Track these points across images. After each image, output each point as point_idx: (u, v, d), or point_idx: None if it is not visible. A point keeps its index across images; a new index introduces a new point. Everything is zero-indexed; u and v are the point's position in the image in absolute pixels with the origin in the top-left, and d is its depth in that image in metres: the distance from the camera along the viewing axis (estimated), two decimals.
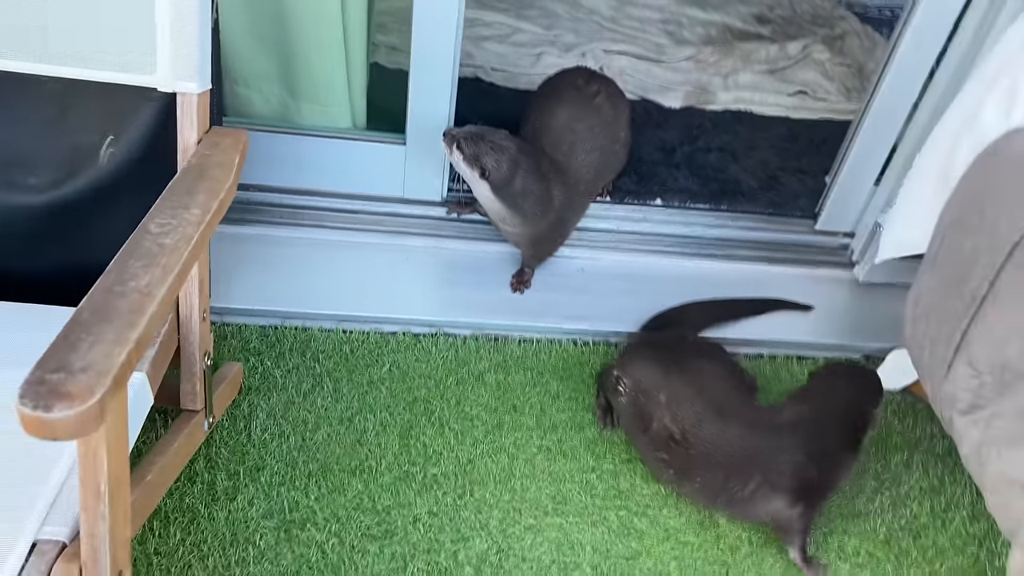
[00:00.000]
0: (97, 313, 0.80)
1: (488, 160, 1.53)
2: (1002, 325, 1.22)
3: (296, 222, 1.75)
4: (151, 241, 0.92)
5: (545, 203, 1.62)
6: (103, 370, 0.74)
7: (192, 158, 1.10)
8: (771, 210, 1.92)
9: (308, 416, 1.50)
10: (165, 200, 0.99)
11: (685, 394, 1.40)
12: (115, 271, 0.86)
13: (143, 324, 0.80)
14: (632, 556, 1.38)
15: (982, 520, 1.50)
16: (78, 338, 0.77)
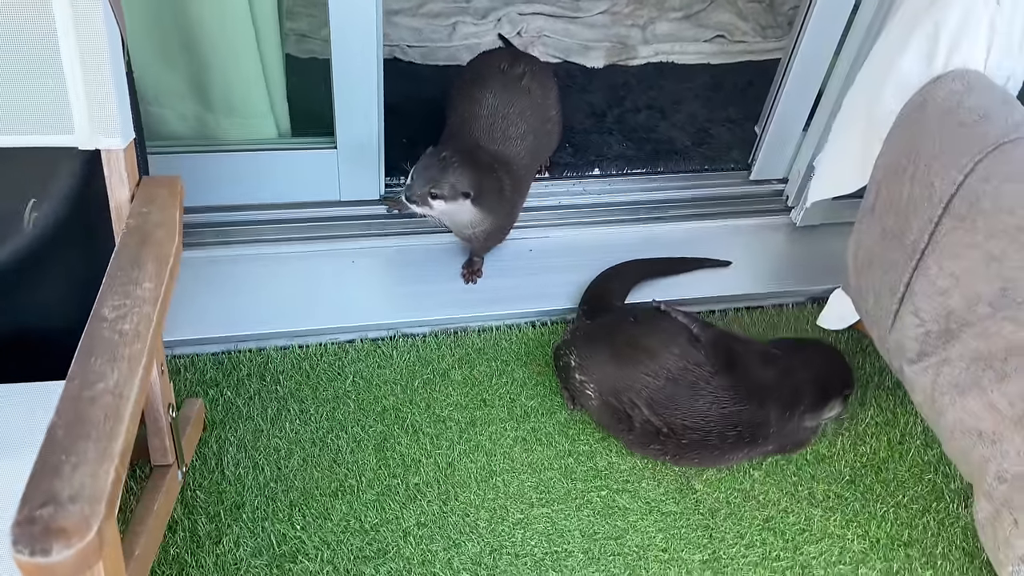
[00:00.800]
0: (72, 428, 0.77)
1: (463, 182, 1.52)
2: (944, 276, 1.27)
3: (233, 240, 1.69)
4: (109, 329, 0.88)
5: (501, 195, 1.61)
6: (94, 495, 0.71)
7: (129, 219, 1.04)
8: (706, 166, 1.94)
9: (279, 443, 1.48)
10: (113, 278, 0.94)
11: (655, 385, 1.42)
12: (79, 374, 0.82)
13: (123, 432, 0.77)
14: (619, 535, 1.43)
15: (934, 447, 1.59)
16: (59, 461, 0.73)
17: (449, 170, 1.50)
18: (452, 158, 1.51)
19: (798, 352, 1.52)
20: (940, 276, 1.28)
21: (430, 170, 1.51)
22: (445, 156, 1.51)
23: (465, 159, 1.53)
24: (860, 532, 1.46)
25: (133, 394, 0.81)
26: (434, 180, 1.50)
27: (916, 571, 1.42)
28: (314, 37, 2.05)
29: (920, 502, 1.51)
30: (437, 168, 1.51)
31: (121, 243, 1.00)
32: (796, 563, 1.41)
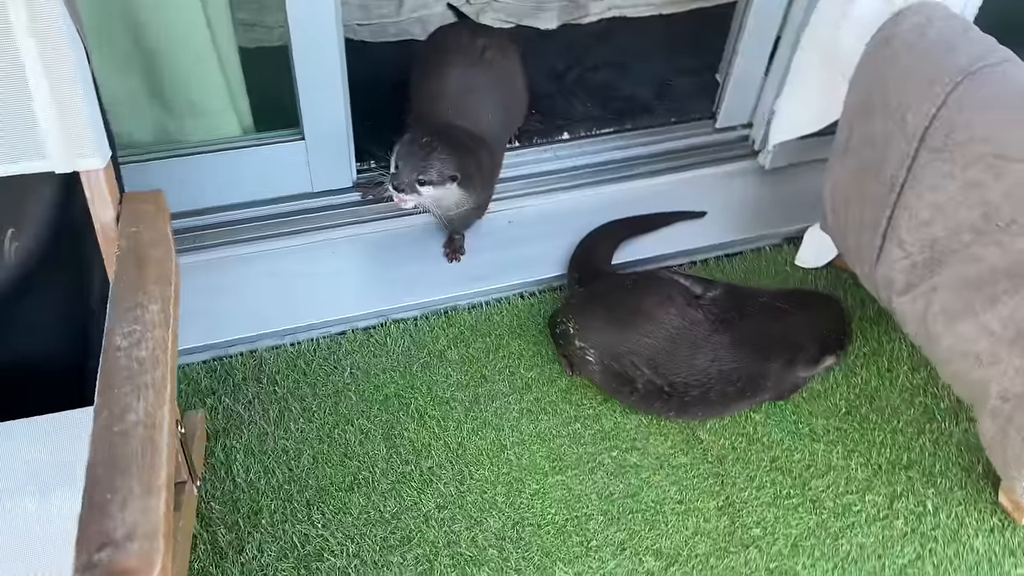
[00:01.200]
0: (110, 465, 0.75)
1: (450, 166, 1.50)
2: (925, 207, 1.31)
3: (207, 244, 1.65)
4: (126, 358, 0.85)
5: (481, 172, 1.60)
6: (149, 531, 0.70)
7: (120, 241, 1.01)
8: (672, 118, 1.96)
9: (287, 443, 1.47)
10: (117, 304, 0.92)
11: (656, 346, 1.44)
12: (104, 407, 0.80)
13: (164, 464, 0.76)
14: (634, 492, 1.45)
15: (921, 371, 1.65)
16: (104, 500, 0.72)
17: (433, 155, 1.49)
18: (433, 142, 1.50)
19: (802, 306, 1.54)
20: (921, 208, 1.31)
21: (414, 157, 1.49)
22: (427, 141, 1.49)
23: (447, 141, 1.51)
24: (862, 461, 1.51)
25: (166, 422, 0.79)
26: (421, 167, 1.48)
27: (918, 491, 1.48)
28: (259, 25, 1.99)
29: (914, 425, 1.57)
30: (420, 154, 1.49)
31: (119, 268, 0.97)
32: (806, 498, 1.46)
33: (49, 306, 1.17)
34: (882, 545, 1.41)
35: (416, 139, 1.51)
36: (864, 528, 1.43)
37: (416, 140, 1.51)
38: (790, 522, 1.43)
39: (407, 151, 1.49)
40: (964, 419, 1.57)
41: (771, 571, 1.37)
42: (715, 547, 1.40)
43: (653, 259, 1.78)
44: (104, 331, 0.88)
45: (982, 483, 1.49)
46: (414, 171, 1.49)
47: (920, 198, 1.31)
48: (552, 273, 1.72)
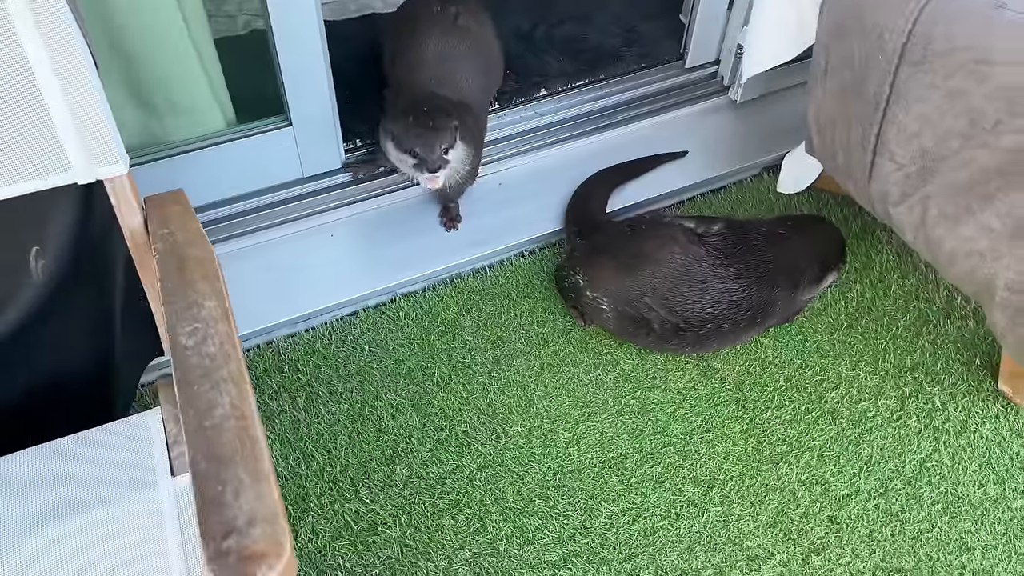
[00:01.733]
0: (212, 458, 0.76)
1: (449, 117, 1.53)
2: (912, 119, 1.36)
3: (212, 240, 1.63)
4: (196, 356, 0.86)
5: (471, 131, 1.61)
6: (269, 515, 0.72)
7: (156, 244, 1.01)
8: (642, 64, 1.98)
9: (320, 427, 1.48)
10: (171, 307, 0.92)
11: (666, 286, 1.48)
12: (191, 405, 0.81)
13: (264, 452, 0.77)
14: (663, 428, 1.51)
15: (910, 276, 1.73)
16: (216, 492, 0.73)
17: (436, 120, 1.51)
18: (428, 110, 1.50)
19: (798, 230, 1.60)
20: (909, 120, 1.37)
21: (426, 132, 1.50)
22: (423, 112, 1.51)
23: (436, 104, 1.54)
24: (870, 369, 1.59)
25: (254, 413, 0.81)
26: (438, 137, 1.50)
27: (925, 390, 1.56)
28: (218, 15, 1.95)
29: (912, 329, 1.65)
30: (429, 126, 1.51)
31: (162, 272, 0.96)
32: (824, 411, 1.53)
33: (75, 322, 1.16)
34: (900, 444, 1.49)
35: (414, 118, 1.51)
36: (881, 431, 1.51)
37: (415, 119, 1.51)
38: (812, 435, 1.50)
39: (416, 132, 1.50)
40: (957, 317, 1.66)
41: (803, 483, 1.45)
42: (747, 468, 1.46)
43: (644, 203, 1.82)
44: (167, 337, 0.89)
45: (982, 374, 1.58)
46: (436, 144, 1.50)
47: (906, 111, 1.36)
48: (549, 229, 1.75)
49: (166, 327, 0.90)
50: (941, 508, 1.41)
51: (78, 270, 1.12)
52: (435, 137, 1.51)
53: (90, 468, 1.05)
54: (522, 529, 1.38)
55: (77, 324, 1.20)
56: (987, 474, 1.45)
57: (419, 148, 1.51)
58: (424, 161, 1.52)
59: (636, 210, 1.81)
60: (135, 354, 1.36)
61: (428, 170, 1.53)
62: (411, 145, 1.52)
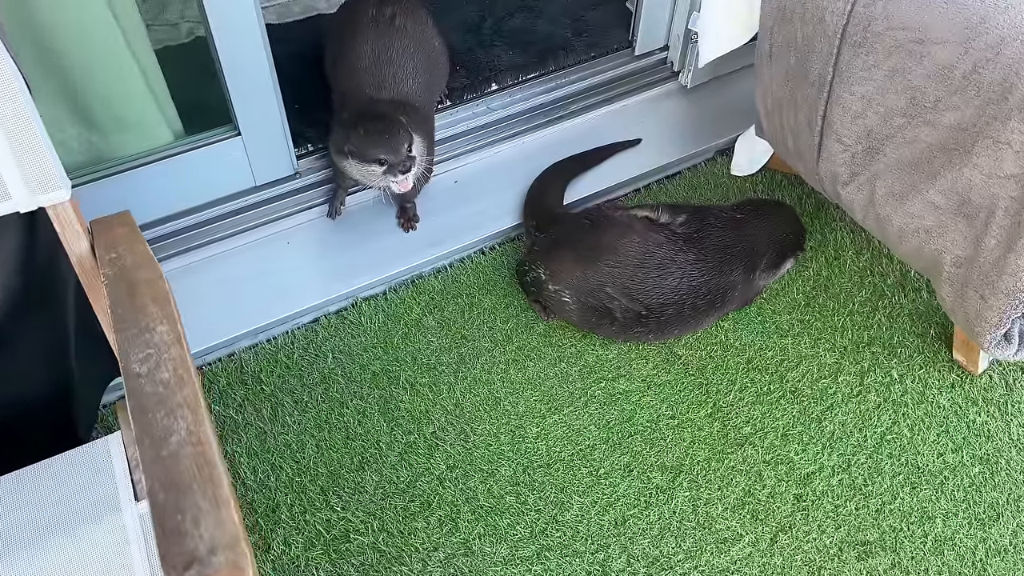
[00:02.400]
0: (170, 487, 0.76)
1: (401, 118, 1.54)
2: (856, 100, 1.38)
3: (163, 256, 1.61)
4: (150, 384, 0.85)
5: (423, 131, 1.61)
6: (230, 541, 0.71)
7: (104, 269, 0.99)
8: (592, 53, 1.97)
9: (287, 438, 1.47)
10: (122, 334, 0.91)
11: (626, 274, 1.49)
12: (147, 434, 0.80)
13: (223, 477, 0.77)
14: (629, 416, 1.52)
15: (864, 252, 1.75)
16: (175, 521, 0.73)
17: (395, 124, 1.52)
18: (368, 115, 1.52)
19: (758, 215, 1.61)
20: (852, 101, 1.39)
21: (389, 139, 1.51)
22: (368, 121, 1.52)
23: (373, 106, 1.56)
24: (828, 346, 1.62)
25: (211, 439, 0.80)
26: (402, 140, 1.51)
27: (883, 364, 1.59)
28: (157, 24, 1.91)
29: (868, 304, 1.68)
30: (391, 132, 1.51)
31: (112, 297, 0.95)
32: (786, 391, 1.56)
33: (29, 349, 1.15)
34: (861, 419, 1.52)
35: (365, 130, 1.51)
36: (842, 407, 1.54)
37: (367, 130, 1.51)
38: (775, 415, 1.53)
39: (375, 140, 1.50)
40: (911, 290, 1.69)
41: (768, 463, 1.47)
42: (713, 451, 1.48)
43: (600, 193, 1.83)
44: (119, 364, 0.88)
45: (937, 345, 1.61)
46: (399, 145, 1.51)
47: (850, 92, 1.39)
48: (507, 224, 1.75)
49: (119, 354, 0.89)
50: (902, 479, 1.45)
51: (27, 297, 1.11)
52: (396, 139, 1.51)
53: (54, 498, 1.04)
54: (494, 527, 1.39)
55: (31, 351, 1.18)
56: (945, 443, 1.49)
57: (385, 155, 1.51)
58: (393, 165, 1.52)
59: (593, 200, 1.82)
60: (93, 376, 1.34)
61: (400, 172, 1.52)
62: (376, 154, 1.51)
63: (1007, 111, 1.17)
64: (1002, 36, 1.17)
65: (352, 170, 1.57)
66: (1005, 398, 1.54)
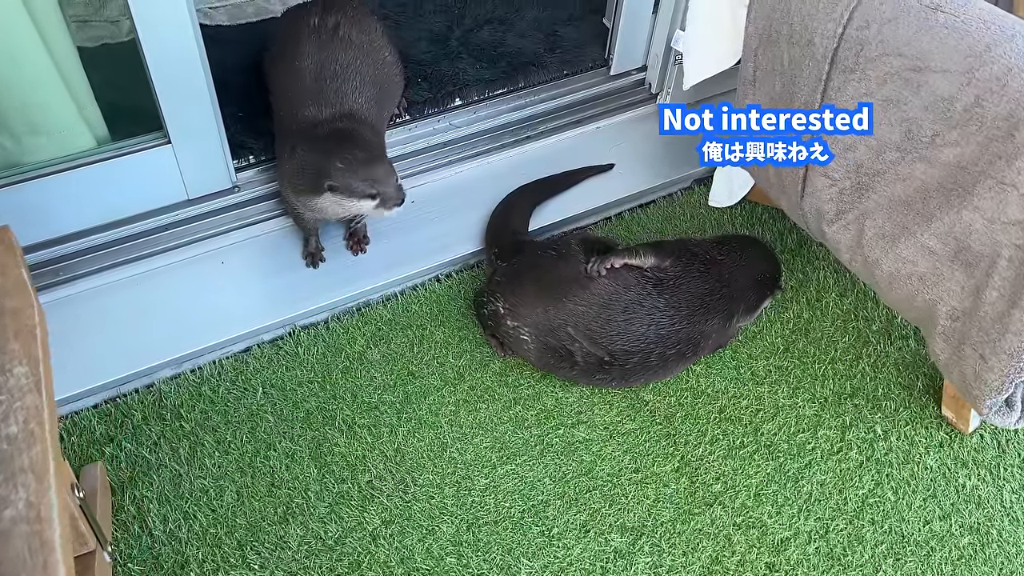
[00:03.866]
0: None
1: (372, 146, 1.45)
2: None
3: (77, 274, 1.46)
4: None
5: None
6: None
7: None
8: (564, 71, 1.85)
9: (204, 483, 1.32)
10: None
11: (590, 314, 1.36)
12: None
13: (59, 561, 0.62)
14: (588, 468, 1.38)
15: (848, 295, 1.63)
16: None
17: (374, 151, 1.42)
18: (362, 145, 1.42)
19: (735, 256, 1.48)
20: None
21: (379, 167, 1.39)
22: (361, 150, 1.40)
23: (356, 135, 1.44)
24: (808, 396, 1.49)
25: (54, 512, 0.65)
26: (389, 168, 1.40)
27: (867, 418, 1.47)
28: (97, 20, 1.76)
29: (851, 351, 1.55)
30: (376, 160, 1.40)
31: None
32: (760, 444, 1.42)
33: None
34: (841, 479, 1.39)
35: (358, 158, 1.39)
36: (821, 465, 1.41)
37: (361, 159, 1.39)
38: (748, 472, 1.39)
39: (372, 172, 1.39)
40: (897, 337, 1.57)
41: (738, 526, 1.33)
42: (679, 511, 1.34)
43: (568, 220, 1.70)
44: None
45: (924, 399, 1.49)
46: (394, 175, 1.41)
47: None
48: (467, 250, 1.62)
49: None
50: (885, 549, 1.31)
51: None
52: (387, 168, 1.41)
53: None
54: None
55: None
56: (932, 509, 1.36)
57: (382, 188, 1.38)
58: (389, 197, 1.39)
59: (560, 228, 1.70)
60: None
61: (395, 205, 1.40)
62: (368, 189, 1.38)
63: (1013, 150, 1.05)
64: (1008, 66, 1.06)
65: (329, 207, 1.42)
66: (997, 460, 1.42)
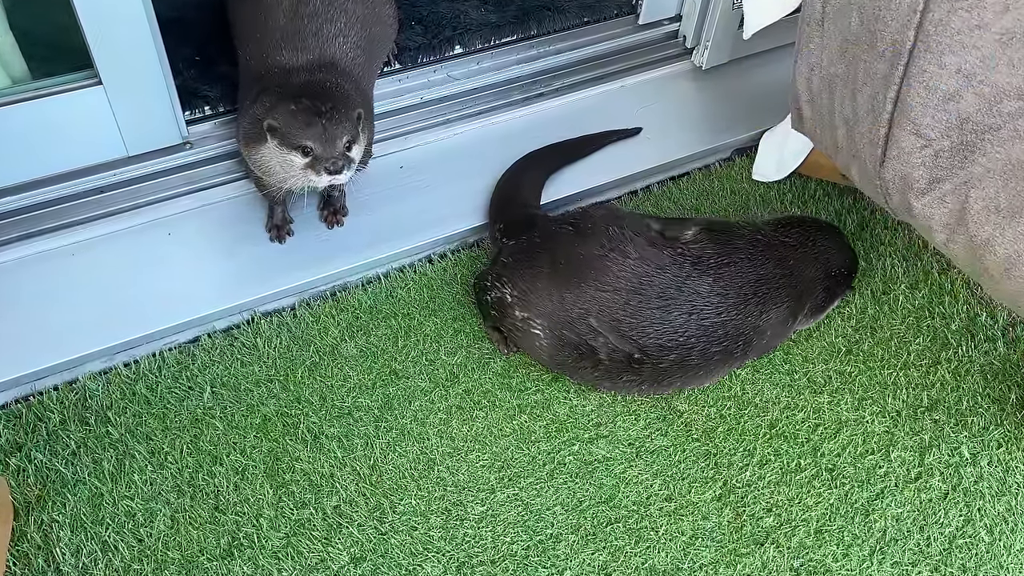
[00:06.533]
0: None
1: (352, 106, 1.17)
2: (948, 76, 1.00)
3: None
4: None
5: (363, 106, 1.23)
6: None
7: None
8: (585, 18, 1.60)
9: (131, 504, 1.06)
10: None
11: (617, 303, 1.10)
12: None
13: None
14: (609, 495, 1.12)
15: (921, 287, 1.36)
16: None
17: (336, 107, 1.15)
18: (320, 95, 1.16)
19: (806, 242, 1.22)
20: (943, 77, 1.00)
21: (321, 119, 1.13)
22: (312, 99, 1.15)
23: (325, 86, 1.19)
24: (876, 409, 1.22)
25: None
26: (339, 124, 1.14)
27: (949, 437, 1.20)
28: None
29: (927, 356, 1.29)
30: (327, 116, 1.14)
31: None
32: (820, 468, 1.16)
33: None
34: (922, 513, 1.13)
35: (311, 106, 1.14)
36: (896, 495, 1.14)
37: (313, 107, 1.14)
38: (807, 502, 1.13)
39: (313, 121, 1.13)
40: (983, 339, 1.30)
41: (796, 571, 1.07)
42: (722, 551, 1.08)
43: (588, 192, 1.46)
44: None
45: (1021, 414, 1.22)
46: (340, 138, 1.14)
47: (939, 64, 1.00)
48: (466, 225, 1.38)
49: None
50: None
51: None
52: (336, 125, 1.14)
53: None
54: None
55: None
56: None
57: (314, 142, 1.13)
58: (319, 159, 1.13)
59: (577, 202, 1.44)
60: None
61: (328, 171, 1.14)
62: (302, 139, 1.13)
63: None
64: None
65: (268, 157, 1.17)
66: None
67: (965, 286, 1.36)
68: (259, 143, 1.16)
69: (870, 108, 1.11)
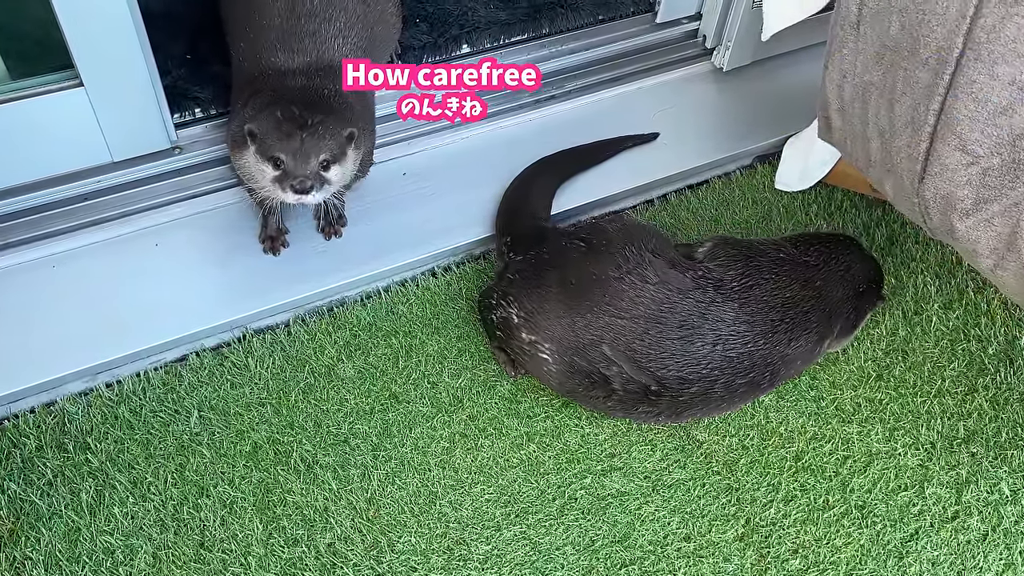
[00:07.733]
0: None
1: (340, 125, 1.10)
2: (1000, 87, 0.91)
3: None
4: None
5: (363, 117, 1.17)
6: None
7: None
8: (600, 15, 1.53)
9: (110, 540, 0.99)
10: None
11: (633, 330, 1.02)
12: None
13: None
14: (624, 534, 1.04)
15: (955, 307, 1.28)
16: None
17: (320, 122, 1.08)
18: (307, 105, 1.09)
19: (830, 259, 1.14)
20: (994, 88, 0.92)
21: (299, 130, 1.06)
22: (297, 110, 1.08)
23: (317, 97, 1.12)
24: (909, 441, 1.15)
25: None
26: (319, 146, 1.07)
27: (988, 472, 1.12)
28: None
29: (963, 382, 1.21)
30: (308, 129, 1.07)
31: None
32: (850, 505, 1.08)
33: None
34: (960, 556, 1.05)
35: (284, 112, 1.07)
36: (932, 535, 1.07)
37: (295, 116, 1.07)
38: (835, 543, 1.06)
39: (290, 132, 1.06)
40: (1022, 364, 1.22)
41: None
42: None
43: (601, 202, 1.39)
44: None
45: None
46: (314, 155, 1.07)
47: (991, 75, 0.91)
48: (472, 236, 1.31)
49: None
50: None
51: None
52: (315, 141, 1.07)
53: None
54: None
55: None
56: None
57: (285, 154, 1.06)
58: (287, 175, 1.06)
59: (590, 212, 1.37)
60: None
61: (293, 190, 1.06)
62: (273, 150, 1.06)
63: None
64: None
65: (251, 164, 1.10)
66: None
67: (1003, 307, 1.28)
68: (244, 148, 1.09)
69: (910, 120, 1.02)
